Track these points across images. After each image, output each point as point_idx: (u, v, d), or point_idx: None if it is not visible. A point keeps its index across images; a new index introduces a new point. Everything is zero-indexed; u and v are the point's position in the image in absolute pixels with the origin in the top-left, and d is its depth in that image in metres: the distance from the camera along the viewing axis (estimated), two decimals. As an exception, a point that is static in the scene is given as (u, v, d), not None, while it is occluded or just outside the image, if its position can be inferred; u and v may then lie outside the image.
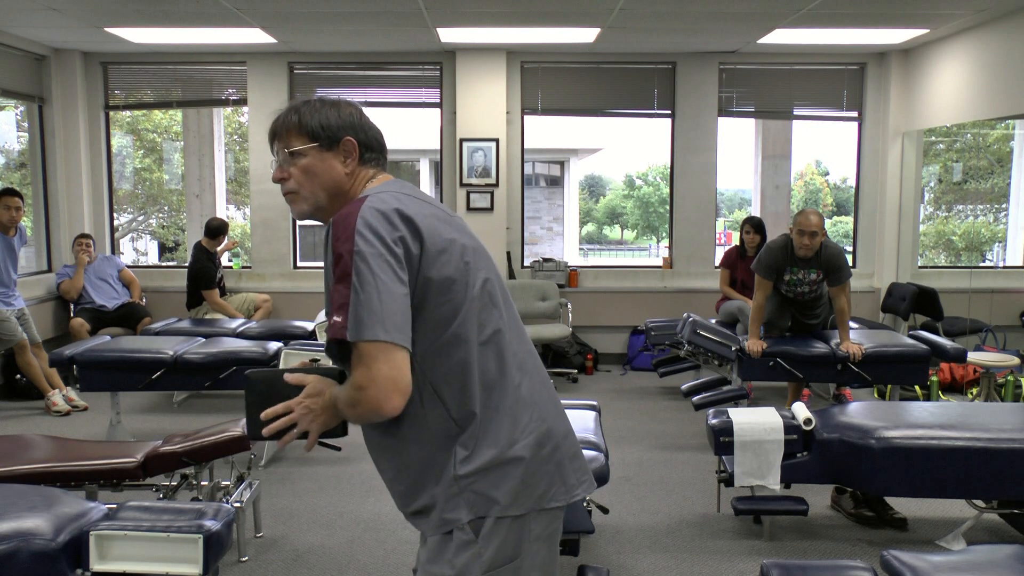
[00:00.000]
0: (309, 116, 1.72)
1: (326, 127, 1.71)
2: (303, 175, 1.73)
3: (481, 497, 1.63)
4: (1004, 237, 8.57)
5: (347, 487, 4.39)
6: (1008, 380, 5.74)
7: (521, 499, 1.66)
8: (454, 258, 1.64)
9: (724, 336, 5.25)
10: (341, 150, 1.72)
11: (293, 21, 6.15)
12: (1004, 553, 2.31)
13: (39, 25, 6.30)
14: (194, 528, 2.47)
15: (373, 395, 1.53)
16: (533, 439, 1.68)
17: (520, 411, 1.68)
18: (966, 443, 3.43)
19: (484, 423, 1.64)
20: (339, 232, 1.58)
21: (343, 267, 1.55)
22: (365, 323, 1.52)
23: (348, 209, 1.62)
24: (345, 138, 1.72)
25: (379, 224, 1.57)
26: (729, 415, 3.72)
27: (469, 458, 1.63)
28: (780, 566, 2.35)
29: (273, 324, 6.14)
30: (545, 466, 1.69)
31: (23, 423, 5.67)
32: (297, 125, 1.72)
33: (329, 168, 1.72)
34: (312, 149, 1.71)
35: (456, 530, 1.64)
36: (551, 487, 1.70)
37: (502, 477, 1.64)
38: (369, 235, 1.56)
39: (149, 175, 16.00)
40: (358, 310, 1.52)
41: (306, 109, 1.73)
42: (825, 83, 7.60)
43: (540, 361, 1.82)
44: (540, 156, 21.71)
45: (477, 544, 1.63)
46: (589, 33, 6.52)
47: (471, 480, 1.63)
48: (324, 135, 1.71)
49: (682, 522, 3.96)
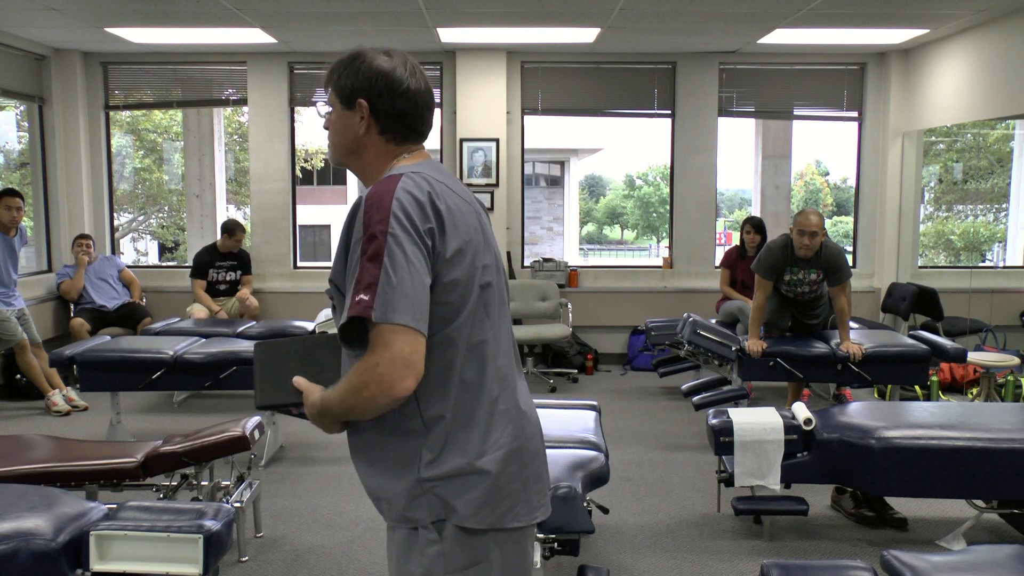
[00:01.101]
0: (338, 73, 1.72)
1: (346, 87, 1.71)
2: (332, 127, 1.76)
3: (441, 502, 1.61)
4: (1004, 237, 8.57)
5: (347, 487, 4.39)
6: (1008, 380, 5.74)
7: (483, 513, 1.63)
8: (466, 260, 1.61)
9: (724, 336, 5.25)
10: (357, 112, 1.71)
11: (293, 21, 6.15)
12: (1004, 553, 2.31)
13: (39, 25, 6.30)
14: (194, 528, 2.47)
15: (387, 372, 1.49)
16: (502, 454, 1.65)
17: (494, 424, 1.65)
18: (966, 443, 3.43)
19: (453, 430, 1.61)
20: (372, 211, 1.55)
21: (376, 247, 1.52)
22: (394, 306, 1.48)
23: (383, 187, 1.59)
24: (358, 100, 1.70)
25: (413, 211, 1.55)
26: (729, 415, 3.72)
27: (434, 462, 1.61)
28: (780, 566, 2.35)
29: (273, 324, 6.14)
30: (511, 484, 1.66)
31: (23, 423, 5.67)
32: (329, 81, 1.74)
33: (348, 126, 1.72)
34: (336, 105, 1.73)
35: (421, 528, 1.63)
36: (514, 506, 1.67)
37: (465, 487, 1.62)
38: (405, 220, 1.54)
39: (149, 175, 16.01)
40: (388, 292, 1.49)
41: (339, 66, 1.73)
42: (825, 83, 7.60)
43: (524, 380, 1.79)
44: (540, 156, 21.73)
45: (441, 544, 1.62)
46: (589, 33, 6.52)
47: (434, 484, 1.61)
48: (344, 95, 1.71)
49: (682, 522, 3.96)
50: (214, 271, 7.04)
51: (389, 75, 1.69)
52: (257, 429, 3.69)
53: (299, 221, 7.96)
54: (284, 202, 7.57)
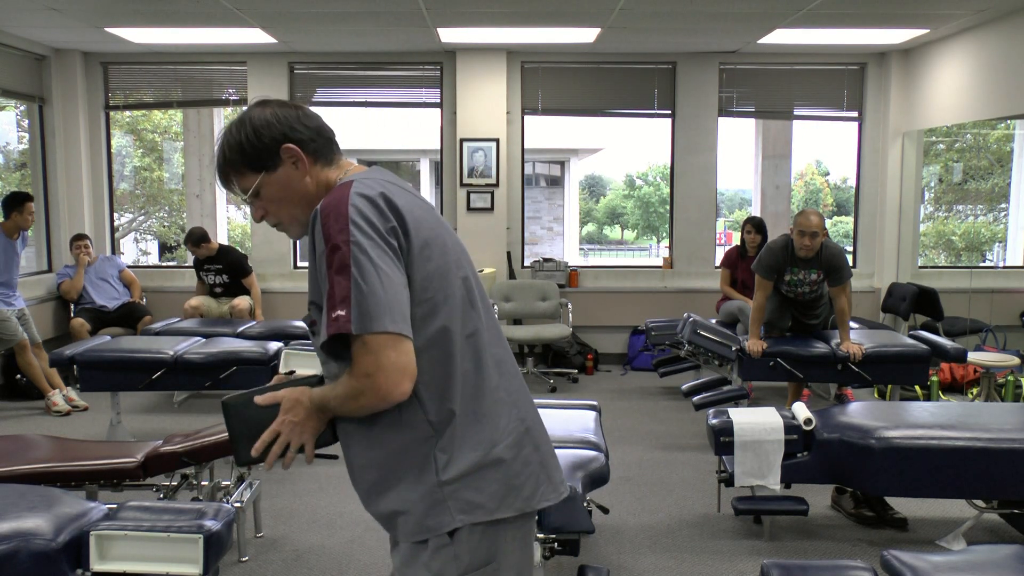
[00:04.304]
0: (236, 151, 1.63)
1: (257, 151, 1.62)
2: (274, 205, 1.66)
3: (466, 503, 1.58)
4: (1004, 237, 8.57)
5: (347, 487, 4.37)
6: (1008, 380, 5.74)
7: (508, 501, 1.61)
8: (435, 253, 1.58)
9: (724, 336, 5.25)
10: (287, 162, 1.63)
11: (293, 21, 6.15)
12: (1004, 553, 2.31)
13: (39, 25, 6.30)
14: (194, 528, 2.47)
15: (382, 382, 1.47)
16: (513, 440, 1.63)
17: (499, 412, 1.63)
18: (966, 443, 3.43)
19: (463, 425, 1.59)
20: (331, 221, 1.51)
21: (341, 258, 1.48)
22: (371, 315, 1.46)
23: (335, 196, 1.54)
24: (281, 147, 1.62)
25: (371, 213, 1.51)
26: (729, 415, 3.72)
27: (450, 463, 1.58)
28: (780, 566, 2.35)
29: (273, 324, 6.14)
30: (529, 467, 1.65)
31: (23, 423, 5.67)
32: (236, 164, 1.64)
33: (288, 184, 1.63)
34: (262, 178, 1.63)
35: (431, 538, 1.59)
36: (538, 487, 1.66)
37: (485, 481, 1.59)
38: (364, 224, 1.49)
39: (149, 174, 16.00)
40: (362, 302, 1.46)
41: (229, 146, 1.63)
42: (825, 83, 7.60)
43: (516, 363, 1.78)
44: (540, 156, 21.71)
45: (453, 546, 1.58)
46: (589, 33, 6.52)
47: (455, 487, 1.58)
48: (260, 160, 1.62)
49: (682, 522, 3.96)
50: (204, 273, 7.04)
51: (278, 111, 1.64)
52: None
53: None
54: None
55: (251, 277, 7.04)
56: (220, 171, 1.66)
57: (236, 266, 7.00)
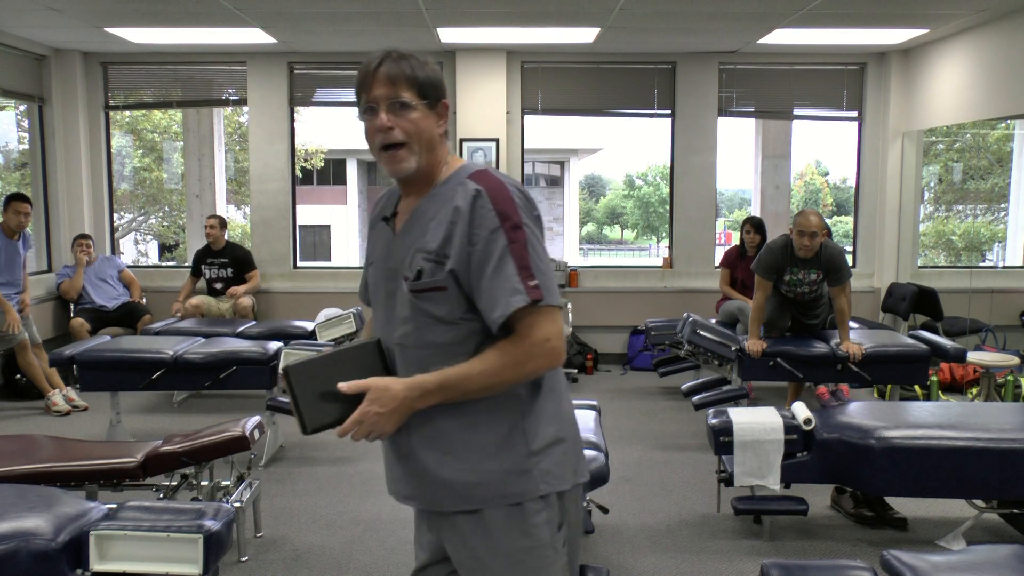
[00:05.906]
0: (419, 69, 1.69)
1: (434, 85, 1.71)
2: (414, 128, 1.69)
3: (547, 472, 1.72)
4: (1004, 237, 8.57)
5: (347, 487, 4.39)
6: (1008, 380, 5.74)
7: (579, 471, 1.80)
8: None
9: (724, 336, 5.25)
10: (440, 111, 1.73)
11: (293, 21, 6.15)
12: (1004, 553, 2.31)
13: (39, 25, 6.30)
14: (194, 528, 2.47)
15: (557, 346, 1.66)
16: (571, 416, 1.82)
17: (562, 392, 1.80)
18: (966, 443, 3.43)
19: (544, 401, 1.74)
20: (505, 203, 1.65)
21: (521, 236, 1.64)
22: (551, 289, 1.66)
23: (490, 182, 1.68)
24: (443, 100, 1.73)
25: (526, 202, 1.70)
26: (729, 415, 3.72)
27: (537, 434, 1.72)
28: (780, 566, 2.35)
29: (273, 324, 6.14)
30: (577, 445, 1.83)
31: (23, 423, 5.67)
32: (409, 78, 1.68)
33: (430, 126, 1.71)
34: (421, 104, 1.70)
35: (527, 502, 1.71)
36: (579, 462, 1.82)
37: (560, 453, 1.75)
38: (526, 210, 1.68)
39: (148, 174, 16.01)
40: (544, 277, 1.65)
41: (415, 62, 1.70)
42: (825, 83, 7.60)
43: None
44: (540, 156, 21.73)
45: (548, 510, 1.72)
46: (589, 33, 6.52)
47: (539, 457, 1.71)
48: (431, 93, 1.71)
49: (682, 522, 3.96)
50: (206, 267, 7.05)
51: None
52: (257, 429, 3.69)
53: (299, 221, 7.96)
54: (284, 202, 7.57)
55: (255, 272, 7.16)
56: (397, 76, 1.67)
57: (242, 261, 7.12)
